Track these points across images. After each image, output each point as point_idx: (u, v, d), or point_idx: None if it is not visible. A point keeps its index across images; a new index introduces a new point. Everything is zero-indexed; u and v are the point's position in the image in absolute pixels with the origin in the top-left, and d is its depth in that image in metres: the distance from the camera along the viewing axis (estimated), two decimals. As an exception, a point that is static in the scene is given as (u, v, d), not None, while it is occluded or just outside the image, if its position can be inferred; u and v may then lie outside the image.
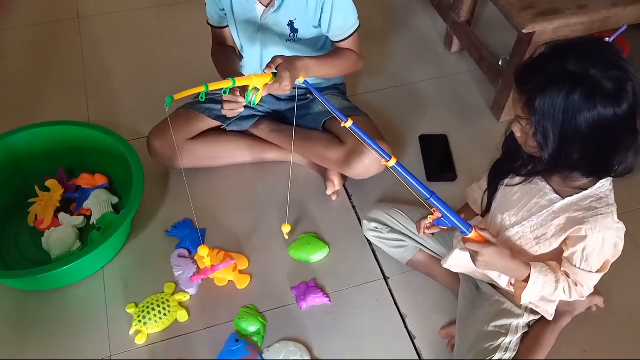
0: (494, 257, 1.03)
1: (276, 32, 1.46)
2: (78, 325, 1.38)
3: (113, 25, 2.24)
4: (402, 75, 2.02)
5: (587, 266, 1.05)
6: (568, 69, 0.90)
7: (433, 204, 1.01)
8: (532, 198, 1.10)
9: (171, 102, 1.03)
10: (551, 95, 0.91)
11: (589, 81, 0.89)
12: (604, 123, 0.91)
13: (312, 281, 1.45)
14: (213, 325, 1.38)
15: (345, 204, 1.64)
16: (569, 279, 1.08)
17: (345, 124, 1.03)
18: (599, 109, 0.89)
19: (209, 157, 1.64)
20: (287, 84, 1.28)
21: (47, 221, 1.54)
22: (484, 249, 1.03)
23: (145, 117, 1.73)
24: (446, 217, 1.02)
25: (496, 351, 1.19)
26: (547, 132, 0.93)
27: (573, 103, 0.90)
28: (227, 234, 1.56)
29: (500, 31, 2.06)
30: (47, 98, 1.96)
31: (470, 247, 1.04)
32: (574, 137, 0.93)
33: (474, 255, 1.05)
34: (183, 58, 2.05)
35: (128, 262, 1.50)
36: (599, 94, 0.89)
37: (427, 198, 1.01)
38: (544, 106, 0.91)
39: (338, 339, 1.36)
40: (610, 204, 1.04)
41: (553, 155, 0.96)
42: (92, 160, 1.63)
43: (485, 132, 1.82)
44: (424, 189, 1.00)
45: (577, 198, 1.05)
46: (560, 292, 1.08)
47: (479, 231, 1.04)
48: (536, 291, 1.07)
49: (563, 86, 0.90)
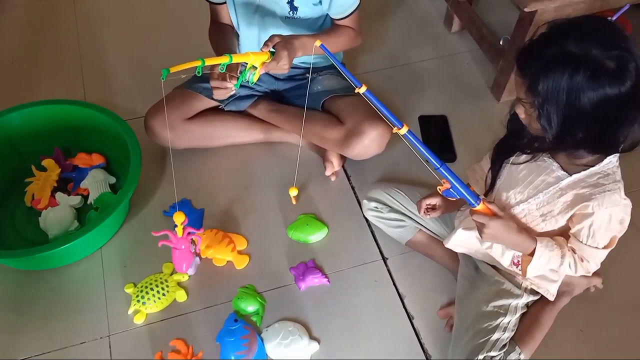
0: (501, 229, 1.04)
1: (275, 10, 1.44)
2: (76, 305, 1.38)
3: (109, 3, 2.21)
4: (401, 55, 2.00)
5: (593, 242, 1.06)
6: (569, 50, 0.89)
7: (442, 173, 1.01)
8: (539, 175, 1.10)
9: (167, 75, 1.02)
10: (554, 78, 0.90)
11: (591, 61, 0.88)
12: (607, 102, 0.90)
13: (311, 261, 1.45)
14: (212, 305, 1.38)
15: (344, 184, 1.63)
16: (575, 254, 1.08)
17: (359, 89, 1.01)
18: (603, 89, 0.89)
19: (206, 137, 1.63)
20: (284, 63, 1.27)
21: (45, 201, 1.53)
22: (491, 221, 1.03)
23: (142, 97, 1.72)
24: (455, 187, 1.02)
25: (495, 331, 1.19)
26: (550, 113, 0.93)
27: (576, 84, 0.89)
28: (225, 215, 1.55)
29: (501, 10, 2.04)
30: (42, 77, 1.93)
31: (477, 219, 1.05)
32: (578, 118, 0.92)
33: (480, 228, 1.06)
34: (180, 37, 2.03)
35: (126, 242, 1.49)
36: (602, 74, 0.88)
37: (437, 168, 1.01)
38: (547, 89, 0.91)
39: (336, 319, 1.36)
40: (618, 180, 1.03)
41: (557, 136, 0.96)
42: (88, 140, 1.61)
43: (486, 112, 1.81)
44: (434, 159, 1.00)
45: (584, 175, 1.04)
46: (565, 267, 1.08)
47: (486, 204, 1.05)
48: (541, 265, 1.08)
49: (565, 68, 0.89)
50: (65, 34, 2.08)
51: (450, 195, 1.05)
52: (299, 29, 1.48)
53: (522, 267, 1.13)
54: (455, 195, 1.04)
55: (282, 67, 1.27)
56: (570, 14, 1.56)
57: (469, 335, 1.20)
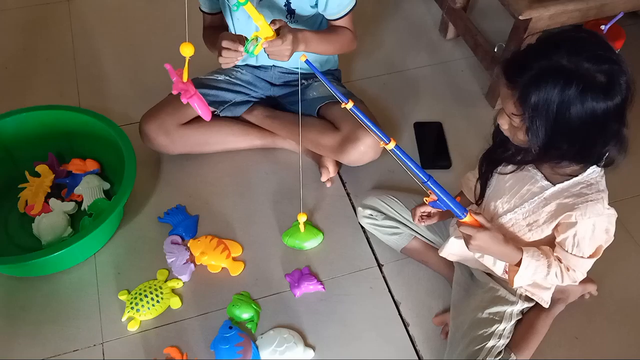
0: (487, 241, 1.04)
1: (272, 15, 1.44)
2: (69, 312, 1.37)
3: (104, 8, 2.20)
4: (396, 61, 2.01)
5: (578, 251, 1.06)
6: (561, 63, 0.89)
7: (430, 187, 1.02)
8: (524, 185, 1.10)
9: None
10: (545, 91, 0.90)
11: (583, 75, 0.89)
12: (596, 116, 0.90)
13: (306, 268, 1.45)
14: (206, 312, 1.37)
15: (340, 191, 1.63)
16: (562, 263, 1.08)
17: (346, 105, 1.03)
18: (593, 103, 0.89)
19: (201, 143, 1.63)
20: (287, 46, 1.26)
21: (38, 207, 1.52)
22: (478, 233, 1.04)
23: (136, 103, 1.71)
24: (442, 200, 1.03)
25: (490, 338, 1.19)
26: (539, 125, 0.93)
27: (567, 98, 0.89)
28: (220, 221, 1.55)
29: (496, 18, 2.05)
30: (36, 82, 1.93)
31: (464, 230, 1.05)
32: (565, 130, 0.93)
33: (467, 239, 1.06)
34: (175, 43, 2.01)
35: (120, 249, 1.49)
36: (593, 89, 0.89)
37: (424, 182, 1.02)
38: (537, 101, 0.91)
39: (332, 326, 1.36)
40: (601, 190, 1.04)
41: (543, 147, 0.96)
42: (83, 145, 1.60)
43: (480, 119, 1.81)
44: (421, 173, 1.01)
45: (567, 185, 1.05)
46: (552, 277, 1.08)
47: (473, 215, 1.05)
48: (528, 275, 1.08)
49: (557, 81, 0.89)
50: (59, 39, 2.07)
51: (437, 207, 1.06)
52: None
53: (509, 277, 1.13)
54: (442, 207, 1.05)
55: (284, 49, 1.26)
56: (565, 22, 1.57)
57: (465, 343, 1.20)
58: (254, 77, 1.65)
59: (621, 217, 1.52)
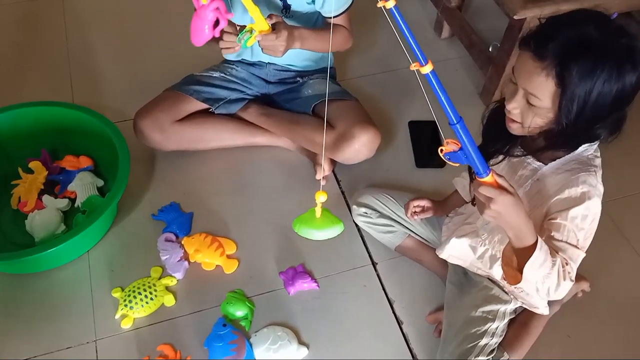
0: (509, 208, 0.88)
1: (268, 9, 1.44)
2: (62, 309, 1.37)
3: (98, 4, 2.19)
4: (391, 60, 2.01)
5: (573, 237, 0.98)
6: (594, 36, 0.87)
7: (457, 131, 0.87)
8: (517, 171, 1.09)
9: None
10: (586, 63, 0.86)
11: (616, 49, 0.87)
12: (625, 90, 0.89)
13: (301, 266, 1.45)
14: (200, 309, 1.37)
15: (335, 189, 1.63)
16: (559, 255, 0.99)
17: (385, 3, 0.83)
18: (627, 76, 0.88)
19: (196, 140, 1.62)
20: (282, 42, 1.26)
21: (31, 204, 1.51)
22: (501, 195, 0.87)
23: (131, 99, 1.70)
24: (466, 149, 0.87)
25: (483, 336, 1.20)
26: (574, 100, 0.88)
27: (605, 71, 0.87)
28: (215, 218, 1.54)
29: (490, 17, 2.06)
30: (30, 78, 1.91)
31: (483, 191, 0.89)
32: (596, 105, 0.89)
33: (486, 202, 0.89)
34: (171, 39, 2.02)
35: (114, 246, 1.48)
36: (626, 62, 0.87)
37: (452, 124, 0.88)
38: (579, 73, 0.87)
39: (326, 324, 1.36)
40: (595, 165, 1.01)
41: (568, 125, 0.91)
42: (76, 142, 1.60)
43: (475, 118, 1.77)
44: (453, 111, 0.88)
45: (559, 162, 1.02)
46: (554, 274, 0.96)
47: (496, 177, 0.89)
48: (539, 261, 0.92)
49: (596, 54, 0.86)
50: (53, 35, 2.06)
51: (454, 160, 0.91)
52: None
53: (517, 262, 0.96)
54: (461, 160, 0.89)
55: (278, 44, 1.26)
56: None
57: (457, 341, 1.21)
58: (249, 75, 1.64)
59: (614, 216, 1.53)
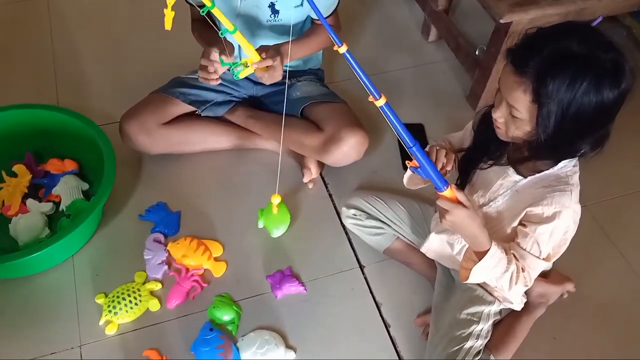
0: (463, 219, 0.98)
1: (257, 15, 1.44)
2: (47, 314, 1.35)
3: (83, 5, 2.17)
4: (379, 63, 2.01)
5: (537, 250, 1.03)
6: (575, 51, 0.88)
7: (414, 153, 0.96)
8: (497, 179, 1.10)
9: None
10: (562, 77, 0.87)
11: (596, 63, 0.88)
12: (605, 105, 0.90)
13: (288, 269, 1.44)
14: (186, 314, 1.36)
15: (322, 192, 1.63)
16: (518, 262, 1.05)
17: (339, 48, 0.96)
18: (605, 92, 0.88)
19: (182, 143, 1.61)
20: (279, 74, 1.34)
21: (15, 207, 1.49)
22: (455, 209, 0.97)
23: (117, 102, 1.69)
24: (424, 168, 0.96)
25: (468, 338, 1.20)
26: (550, 114, 0.90)
27: (583, 85, 0.87)
28: (202, 220, 1.54)
29: (477, 21, 2.07)
30: (14, 80, 1.89)
31: (441, 204, 0.99)
32: (575, 119, 0.90)
33: (442, 214, 1.00)
34: (157, 41, 2.00)
35: (98, 250, 1.47)
36: (606, 77, 0.88)
37: (409, 147, 0.95)
38: (551, 89, 0.88)
39: (313, 327, 1.36)
40: (571, 183, 1.03)
41: (548, 138, 0.93)
42: (61, 145, 1.58)
43: (462, 121, 1.78)
44: (408, 137, 0.94)
45: (538, 177, 1.05)
46: (507, 277, 1.04)
47: (455, 191, 0.98)
48: (490, 266, 1.02)
49: (571, 69, 0.87)
50: (38, 37, 2.04)
51: (418, 174, 0.99)
52: (281, 32, 1.48)
53: (465, 265, 1.07)
54: (423, 175, 0.98)
55: (277, 76, 1.33)
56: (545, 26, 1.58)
57: (443, 343, 1.21)
58: (236, 77, 1.64)
59: (598, 218, 1.54)
